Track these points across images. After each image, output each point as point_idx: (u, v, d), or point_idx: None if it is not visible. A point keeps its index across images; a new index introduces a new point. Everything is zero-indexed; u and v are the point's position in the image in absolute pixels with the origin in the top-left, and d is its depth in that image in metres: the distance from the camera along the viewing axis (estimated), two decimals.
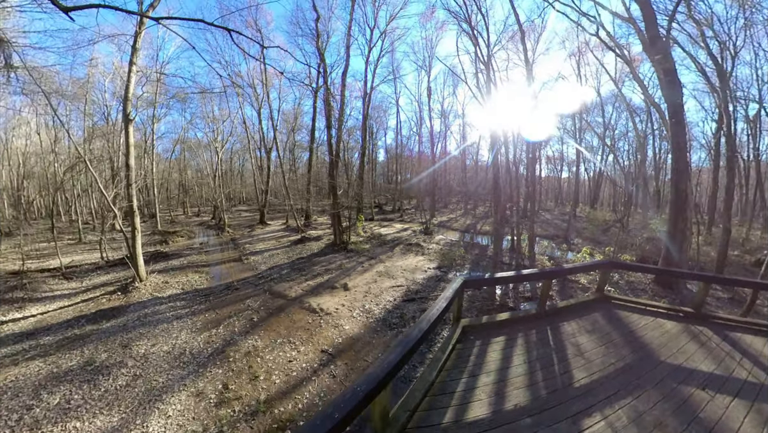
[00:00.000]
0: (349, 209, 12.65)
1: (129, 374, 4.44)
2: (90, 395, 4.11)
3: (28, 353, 5.20)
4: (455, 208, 30.92)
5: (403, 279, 8.78)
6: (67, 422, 3.70)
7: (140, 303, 6.85)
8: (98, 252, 12.12)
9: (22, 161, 24.20)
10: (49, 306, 7.31)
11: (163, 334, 5.53)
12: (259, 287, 7.88)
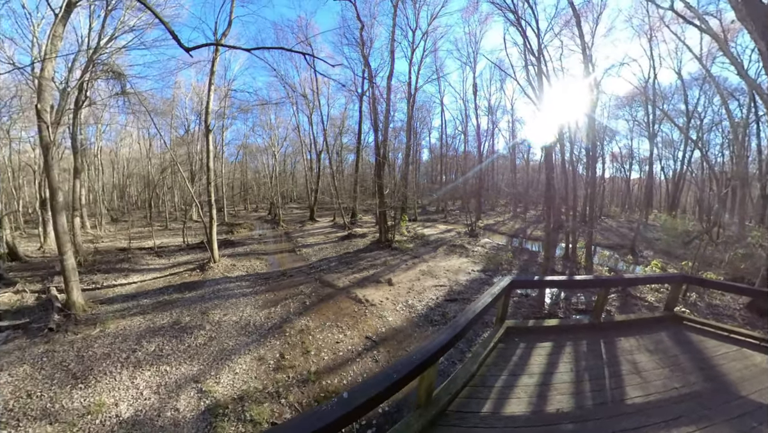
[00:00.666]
0: (394, 209, 12.94)
1: (206, 336, 5.25)
2: (177, 347, 4.97)
3: (131, 310, 6.44)
4: (503, 211, 29.41)
5: (446, 279, 8.76)
6: (160, 366, 4.55)
7: (214, 280, 7.97)
8: (180, 237, 14.21)
9: (126, 165, 30.48)
10: (146, 276, 8.87)
11: (232, 307, 6.39)
12: (311, 276, 8.57)
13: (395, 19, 15.60)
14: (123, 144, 30.23)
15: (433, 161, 40.26)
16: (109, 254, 11.77)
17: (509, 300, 3.97)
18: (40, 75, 6.67)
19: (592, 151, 11.39)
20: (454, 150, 36.22)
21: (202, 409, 3.82)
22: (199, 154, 22.25)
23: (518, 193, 27.51)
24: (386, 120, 15.11)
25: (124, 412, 3.77)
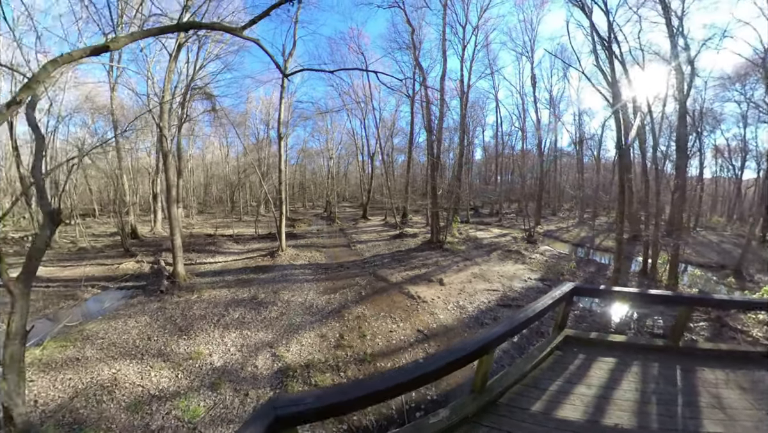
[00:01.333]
0: (446, 210, 12.87)
1: (278, 311, 6.02)
2: (255, 317, 5.81)
3: (219, 283, 7.65)
4: (567, 216, 26.68)
5: (500, 284, 8.49)
6: (243, 330, 5.38)
7: (282, 266, 9.00)
8: (252, 228, 16.15)
9: (209, 167, 36.04)
10: (227, 257, 10.37)
11: (297, 290, 7.17)
12: (365, 270, 9.08)
13: (445, 18, 15.19)
14: (207, 151, 36.18)
15: (486, 160, 37.58)
16: (199, 237, 13.99)
17: (570, 308, 3.70)
18: (161, 100, 8.38)
19: (682, 145, 9.50)
20: (510, 148, 33.03)
21: (276, 369, 4.45)
22: (266, 159, 25.26)
23: (585, 196, 24.22)
24: (440, 121, 14.91)
25: (216, 362, 4.60)
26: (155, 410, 3.77)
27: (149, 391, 4.06)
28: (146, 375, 4.34)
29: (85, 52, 2.45)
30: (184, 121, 16.93)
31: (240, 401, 3.90)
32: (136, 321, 5.76)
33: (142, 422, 3.61)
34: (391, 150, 34.01)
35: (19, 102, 2.42)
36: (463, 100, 18.97)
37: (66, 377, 4.35)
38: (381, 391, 1.66)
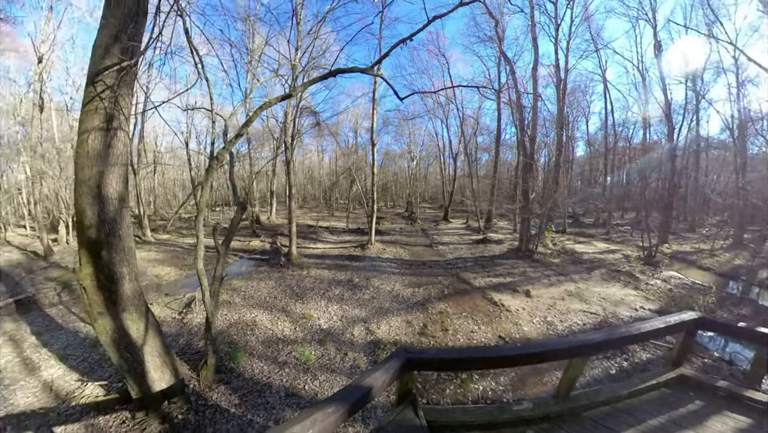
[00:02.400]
0: (539, 217, 11.79)
1: (370, 295, 6.88)
2: (351, 297, 6.79)
3: (321, 265, 9.09)
4: (713, 234, 20.05)
5: (600, 308, 7.50)
6: (342, 305, 6.39)
7: (371, 258, 10.05)
8: (342, 222, 18.19)
9: (308, 171, 41.95)
10: (326, 245, 12.10)
11: (385, 280, 7.96)
12: (447, 270, 9.32)
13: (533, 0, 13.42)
14: (305, 156, 42.74)
15: (591, 157, 29.64)
16: (302, 227, 16.58)
17: (691, 342, 2.99)
18: (284, 121, 10.44)
19: None
20: (626, 140, 25.83)
21: (368, 340, 5.20)
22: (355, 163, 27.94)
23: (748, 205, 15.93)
24: (533, 115, 12.87)
25: (323, 325, 5.65)
26: (280, 349, 4.95)
27: (276, 335, 5.33)
28: (275, 323, 5.69)
29: (278, 99, 3.59)
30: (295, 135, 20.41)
31: (340, 358, 4.76)
32: (265, 283, 7.49)
33: (272, 355, 4.80)
34: (475, 149, 32.25)
35: (239, 136, 3.71)
36: (559, 89, 15.43)
37: (223, 312, 6.07)
38: (490, 358, 2.01)
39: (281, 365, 4.56)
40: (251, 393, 4.05)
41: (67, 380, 4.81)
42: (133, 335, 3.15)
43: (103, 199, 2.90)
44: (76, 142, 2.98)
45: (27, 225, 18.47)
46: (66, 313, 7.47)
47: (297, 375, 4.40)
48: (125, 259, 3.08)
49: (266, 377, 4.35)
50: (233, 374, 4.29)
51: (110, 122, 3.04)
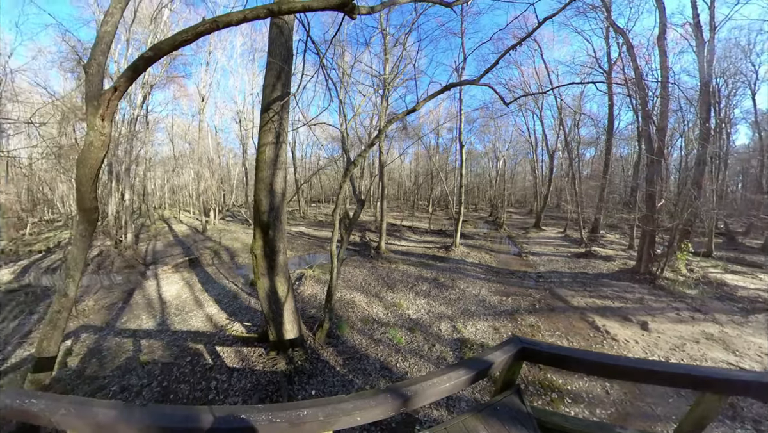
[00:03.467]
0: (669, 231, 9.34)
1: (455, 296, 7.02)
2: (438, 294, 7.05)
3: (407, 261, 9.61)
4: None
5: (759, 365, 5.81)
6: (429, 300, 6.71)
7: (455, 260, 10.10)
8: (422, 222, 18.50)
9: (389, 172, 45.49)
10: (410, 243, 12.64)
11: (471, 283, 7.95)
12: (539, 284, 8.65)
13: None
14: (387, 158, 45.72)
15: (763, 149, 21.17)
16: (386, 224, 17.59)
17: None
18: (380, 127, 11.24)
19: None
20: None
21: (455, 338, 5.38)
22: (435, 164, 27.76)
23: None
24: (663, 96, 9.47)
25: (411, 315, 6.09)
26: (375, 328, 5.59)
27: (372, 315, 6.01)
28: (370, 305, 6.41)
29: (405, 113, 4.15)
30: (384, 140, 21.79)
31: (428, 348, 5.09)
32: (359, 271, 8.42)
33: (369, 332, 5.46)
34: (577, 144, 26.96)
35: (372, 145, 4.39)
36: (702, 55, 10.26)
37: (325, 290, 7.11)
38: (606, 365, 1.95)
39: (376, 342, 5.17)
40: (352, 359, 4.76)
41: (221, 317, 6.48)
42: (280, 294, 4.19)
43: (273, 193, 3.99)
44: (257, 152, 4.18)
45: (191, 210, 26.24)
46: (216, 272, 9.90)
47: (390, 353, 4.93)
48: (282, 237, 4.17)
49: (364, 348, 5.01)
50: (339, 340, 5.10)
51: (278, 138, 4.15)
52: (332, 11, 2.51)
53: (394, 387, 1.55)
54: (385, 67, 11.12)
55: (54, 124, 12.77)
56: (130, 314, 6.99)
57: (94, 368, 5.07)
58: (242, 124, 22.79)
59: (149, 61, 2.68)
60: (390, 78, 10.96)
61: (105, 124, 2.52)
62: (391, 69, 11.13)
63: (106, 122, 2.53)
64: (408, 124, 21.53)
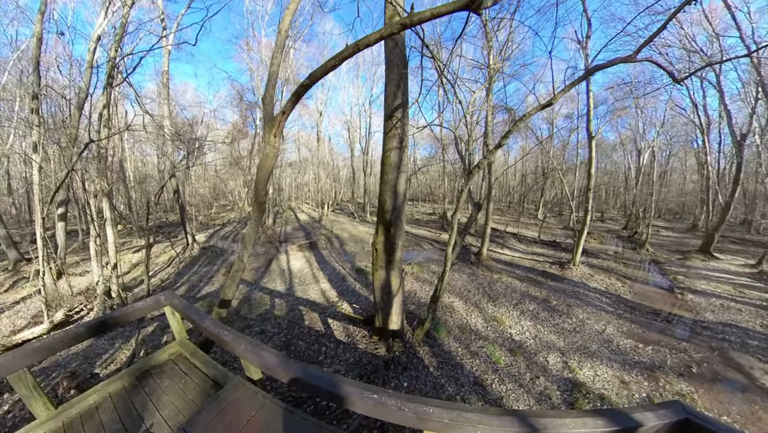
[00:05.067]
0: None
1: (570, 325, 6.01)
2: (547, 318, 6.21)
3: (511, 273, 8.78)
4: None
5: None
6: (536, 323, 5.97)
7: (572, 281, 8.61)
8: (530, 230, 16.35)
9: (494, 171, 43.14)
10: (514, 253, 11.47)
11: (593, 315, 6.64)
12: (702, 339, 6.46)
13: None
14: None
15: None
16: None
17: None
18: (487, 122, 10.20)
19: None
20: None
21: (565, 377, 4.64)
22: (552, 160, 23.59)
23: None
24: None
25: (514, 335, 5.57)
26: (473, 340, 5.37)
27: (470, 325, 5.80)
28: (468, 314, 6.21)
29: (537, 108, 3.68)
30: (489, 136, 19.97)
31: (530, 378, 4.57)
32: (458, 276, 8.22)
33: (466, 341, 5.30)
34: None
35: (499, 146, 4.16)
36: None
37: (426, 288, 7.23)
38: None
39: (472, 354, 4.99)
40: (446, 364, 4.74)
41: (332, 294, 7.45)
42: (393, 286, 4.52)
43: (396, 194, 4.28)
44: (383, 156, 4.54)
45: (310, 203, 31.89)
46: (329, 255, 11.40)
47: (485, 370, 4.67)
48: (401, 235, 4.48)
49: (459, 357, 4.92)
50: (435, 342, 5.16)
51: (401, 143, 4.40)
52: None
53: (521, 414, 1.49)
54: (488, 56, 10.17)
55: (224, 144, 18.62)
56: (268, 277, 8.89)
57: (245, 311, 6.70)
58: (350, 131, 26.37)
59: (307, 87, 3.24)
60: (495, 69, 9.99)
61: (276, 140, 3.23)
62: (496, 57, 10.14)
63: (277, 138, 3.23)
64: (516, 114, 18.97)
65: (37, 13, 6.56)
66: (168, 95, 12.44)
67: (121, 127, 8.65)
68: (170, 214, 21.75)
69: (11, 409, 3.95)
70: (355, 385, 1.57)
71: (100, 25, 6.71)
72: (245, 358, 2.10)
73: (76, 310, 6.74)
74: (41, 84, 7.10)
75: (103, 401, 2.65)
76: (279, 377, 1.85)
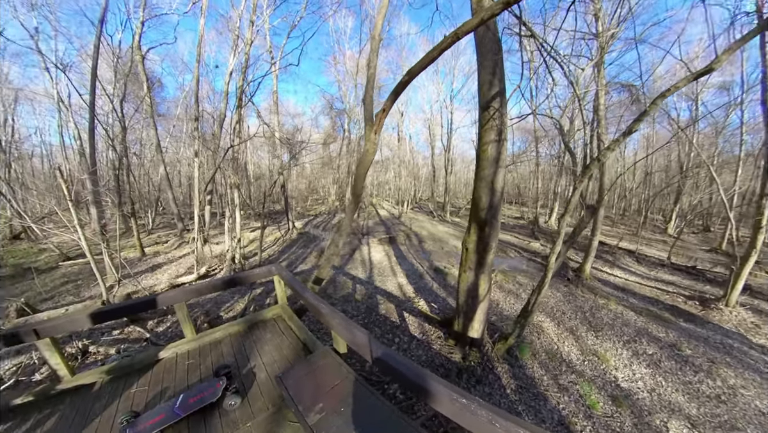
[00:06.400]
0: None
1: (712, 392, 4.53)
2: (674, 371, 4.84)
3: (623, 301, 7.18)
4: None
5: None
6: (656, 374, 4.72)
7: (721, 328, 6.46)
8: (659, 249, 12.91)
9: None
10: (628, 276, 9.33)
11: (752, 385, 4.82)
12: None
13: None
14: None
15: None
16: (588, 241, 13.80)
17: None
18: (596, 105, 8.19)
19: None
20: None
21: None
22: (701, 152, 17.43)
23: None
24: None
25: (619, 380, 4.55)
26: (563, 371, 4.63)
27: (561, 353, 5.02)
28: (561, 340, 5.39)
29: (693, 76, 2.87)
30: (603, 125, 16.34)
31: None
32: (552, 293, 7.20)
33: (553, 371, 4.60)
34: None
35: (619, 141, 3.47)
36: None
37: (510, 301, 6.60)
38: None
39: (561, 388, 4.30)
40: (526, 391, 4.22)
41: (408, 289, 7.52)
42: (480, 291, 4.31)
43: (494, 191, 4.01)
44: (480, 150, 4.26)
45: (390, 200, 33.37)
46: (407, 251, 11.55)
47: (575, 412, 3.97)
48: (495, 236, 4.23)
49: (543, 387, 4.31)
50: (516, 362, 4.66)
51: (500, 135, 4.05)
52: None
53: None
54: (597, 24, 8.29)
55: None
56: (351, 264, 9.59)
57: (330, 291, 7.39)
58: (430, 129, 25.91)
59: (405, 84, 3.29)
60: (609, 37, 8.04)
61: (376, 136, 3.41)
62: (608, 24, 8.16)
63: (377, 135, 3.41)
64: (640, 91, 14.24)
65: (195, 61, 9.29)
66: (277, 109, 15.12)
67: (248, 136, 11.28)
68: (276, 204, 25.85)
69: (171, 326, 5.43)
70: (443, 384, 1.53)
71: (231, 64, 8.94)
72: (337, 331, 2.31)
73: (213, 268, 8.70)
74: (199, 110, 9.75)
75: (225, 337, 3.36)
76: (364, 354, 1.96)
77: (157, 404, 2.41)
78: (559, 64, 4.09)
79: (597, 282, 8.46)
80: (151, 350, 3.18)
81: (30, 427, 2.27)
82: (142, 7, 12.74)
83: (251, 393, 2.50)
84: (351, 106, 22.42)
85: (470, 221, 4.41)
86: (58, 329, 2.56)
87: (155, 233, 15.75)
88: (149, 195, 18.52)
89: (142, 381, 2.73)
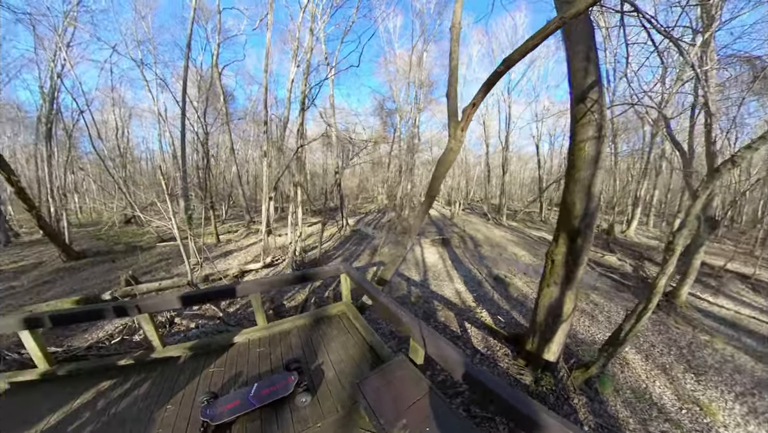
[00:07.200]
0: None
1: None
2: None
3: (732, 339, 5.85)
4: None
5: None
6: None
7: None
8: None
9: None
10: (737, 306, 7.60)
11: None
12: None
13: None
14: None
15: None
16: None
17: None
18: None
19: None
20: None
21: None
22: None
23: None
24: None
25: None
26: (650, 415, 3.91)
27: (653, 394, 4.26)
28: (649, 377, 4.59)
29: None
30: None
31: None
32: None
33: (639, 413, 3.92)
34: None
35: None
36: None
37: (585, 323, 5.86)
38: None
39: None
40: (609, 431, 3.65)
41: (468, 298, 7.16)
42: (564, 309, 3.88)
43: (590, 196, 3.53)
44: (574, 149, 3.72)
45: (440, 200, 32.45)
46: (462, 255, 11.07)
47: None
48: (587, 249, 3.74)
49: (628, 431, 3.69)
50: (596, 396, 4.08)
51: (600, 131, 3.52)
52: None
53: None
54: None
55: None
56: (404, 265, 9.51)
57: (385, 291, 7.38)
58: (485, 125, 24.21)
59: (501, 74, 3.03)
60: None
61: (462, 134, 3.21)
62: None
63: (464, 132, 3.20)
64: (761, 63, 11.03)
65: (263, 71, 10.58)
66: (333, 113, 15.71)
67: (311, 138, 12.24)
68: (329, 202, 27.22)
69: (240, 309, 6.01)
70: (553, 416, 1.35)
71: (292, 72, 10.02)
72: (419, 343, 2.21)
73: (276, 258, 9.37)
74: (268, 115, 10.92)
75: (293, 328, 3.52)
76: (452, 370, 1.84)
77: (232, 388, 2.59)
78: (674, 42, 3.37)
79: (695, 312, 7.07)
80: (227, 333, 3.47)
81: (130, 386, 2.64)
82: (218, 31, 14.62)
83: (321, 392, 2.53)
84: (401, 104, 22.32)
85: (558, 230, 3.89)
86: (154, 306, 2.96)
87: (227, 223, 17.63)
88: (223, 191, 21.05)
89: (219, 362, 2.97)
